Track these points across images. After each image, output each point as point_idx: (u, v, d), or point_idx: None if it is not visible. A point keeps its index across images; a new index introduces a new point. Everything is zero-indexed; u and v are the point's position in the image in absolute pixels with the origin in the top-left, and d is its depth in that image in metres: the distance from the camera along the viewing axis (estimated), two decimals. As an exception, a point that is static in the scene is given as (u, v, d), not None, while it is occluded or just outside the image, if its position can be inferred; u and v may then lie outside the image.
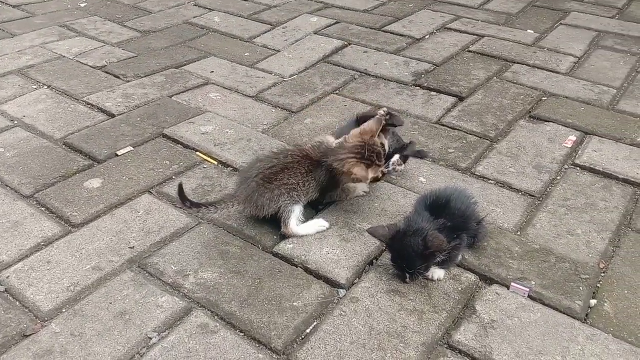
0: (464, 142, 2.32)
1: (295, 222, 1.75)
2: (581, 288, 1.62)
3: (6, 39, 3.25)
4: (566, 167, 2.18)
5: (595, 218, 1.91)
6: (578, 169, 2.17)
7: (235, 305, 1.56)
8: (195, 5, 3.87)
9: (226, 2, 3.94)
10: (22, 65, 2.92)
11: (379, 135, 1.76)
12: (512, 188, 2.05)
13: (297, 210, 1.76)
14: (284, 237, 1.77)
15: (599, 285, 1.65)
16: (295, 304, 1.57)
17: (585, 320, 1.54)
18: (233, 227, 1.84)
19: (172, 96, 2.66)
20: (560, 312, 1.55)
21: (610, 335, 1.49)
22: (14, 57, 3.02)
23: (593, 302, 1.59)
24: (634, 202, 1.99)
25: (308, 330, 1.50)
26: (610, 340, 1.47)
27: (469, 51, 3.18)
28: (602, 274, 1.69)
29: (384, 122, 1.78)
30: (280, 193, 1.72)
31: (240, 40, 3.32)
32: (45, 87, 2.73)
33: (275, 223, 1.80)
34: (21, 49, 3.13)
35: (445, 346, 1.47)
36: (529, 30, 3.47)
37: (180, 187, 1.68)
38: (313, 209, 1.93)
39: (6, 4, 3.83)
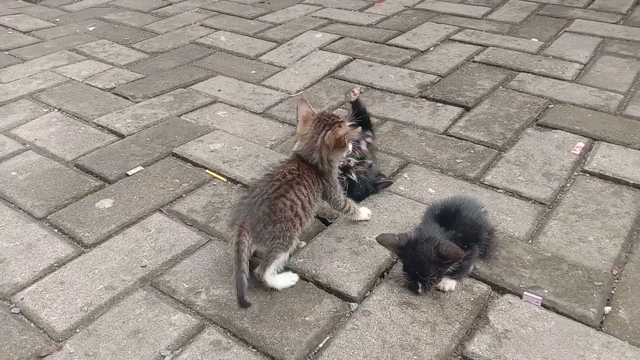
0: (472, 151, 2.33)
1: (273, 270, 1.64)
2: (595, 295, 1.61)
3: (17, 64, 3.31)
4: (575, 173, 2.17)
5: (607, 224, 1.90)
6: (587, 175, 2.16)
7: (247, 321, 1.56)
8: (202, 26, 3.93)
9: (231, 21, 3.99)
10: (32, 90, 2.98)
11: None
12: (521, 196, 2.05)
13: (282, 258, 1.64)
14: (258, 278, 1.65)
15: (612, 291, 1.64)
16: (307, 318, 1.57)
17: (600, 327, 1.53)
18: (243, 243, 1.85)
19: (181, 115, 2.69)
20: (575, 319, 1.54)
21: (626, 342, 1.47)
22: (24, 81, 3.08)
23: (607, 308, 1.58)
24: (645, 207, 1.98)
25: (320, 345, 1.50)
26: (626, 347, 1.46)
27: (474, 61, 3.19)
28: (616, 280, 1.67)
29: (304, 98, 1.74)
30: (280, 229, 1.60)
31: (246, 58, 3.36)
32: (56, 110, 2.77)
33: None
34: (31, 73, 3.18)
35: (459, 357, 1.46)
36: (533, 39, 3.48)
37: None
38: (323, 223, 1.94)
39: (17, 30, 3.91)
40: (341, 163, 1.88)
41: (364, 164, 2.03)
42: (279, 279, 1.67)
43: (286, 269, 1.70)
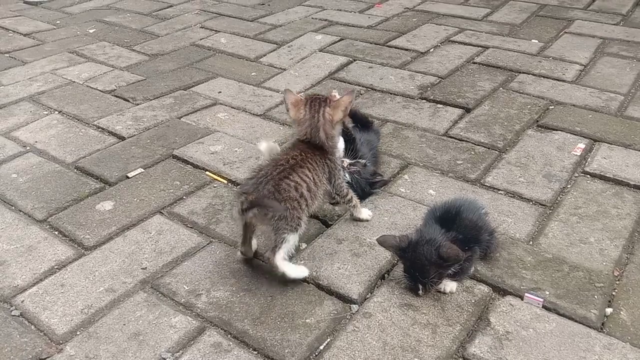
0: (472, 153, 2.32)
1: (284, 254, 1.63)
2: (596, 296, 1.61)
3: (17, 67, 3.31)
4: (576, 175, 2.17)
5: (608, 225, 1.89)
6: (588, 176, 2.16)
7: (248, 323, 1.56)
8: (202, 27, 3.93)
9: (232, 23, 4.00)
10: (33, 92, 2.98)
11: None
12: (522, 198, 2.05)
13: (292, 241, 1.64)
14: (268, 262, 1.66)
15: (614, 293, 1.63)
16: (307, 320, 1.56)
17: (602, 329, 1.52)
18: (244, 245, 1.85)
19: (181, 117, 2.69)
20: (576, 321, 1.54)
21: (627, 343, 1.47)
22: (25, 84, 3.08)
23: (609, 310, 1.58)
24: (646, 208, 1.98)
25: (321, 347, 1.49)
26: (627, 349, 1.45)
27: (474, 62, 3.19)
28: (617, 282, 1.67)
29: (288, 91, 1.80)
30: (287, 210, 1.60)
31: (246, 60, 3.36)
32: (56, 112, 2.77)
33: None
34: (32, 75, 3.18)
35: (460, 359, 1.45)
36: (533, 40, 3.48)
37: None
38: (323, 225, 1.94)
39: (17, 32, 3.91)
40: None
41: (358, 163, 2.02)
42: (291, 266, 1.65)
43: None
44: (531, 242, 1.83)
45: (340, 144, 2.01)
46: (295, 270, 1.66)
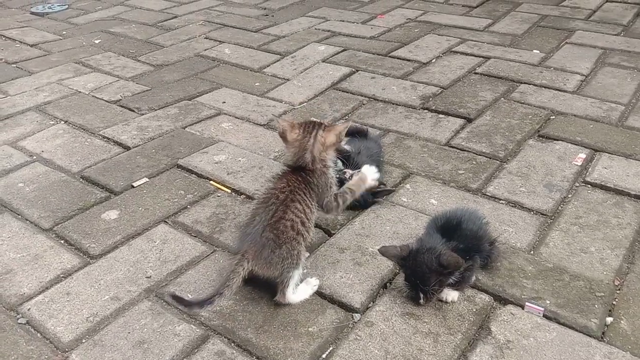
0: (474, 163, 2.34)
1: (292, 289, 1.64)
2: (596, 306, 1.62)
3: (24, 77, 3.36)
4: (577, 184, 2.18)
5: (608, 235, 1.91)
6: (589, 186, 2.17)
7: (251, 331, 1.58)
8: (206, 38, 3.97)
9: (236, 34, 4.04)
10: (39, 102, 3.01)
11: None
12: (523, 207, 2.06)
13: (297, 276, 1.63)
14: (277, 304, 1.66)
15: (614, 302, 1.64)
16: (310, 329, 1.58)
17: (602, 338, 1.53)
18: (247, 254, 1.87)
19: (186, 127, 2.72)
20: (576, 330, 1.55)
21: (627, 353, 1.48)
22: (31, 94, 3.12)
23: (609, 319, 1.59)
24: (646, 217, 1.99)
25: (324, 356, 1.51)
26: (628, 358, 1.46)
27: (476, 73, 3.22)
28: (617, 291, 1.68)
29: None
30: (287, 250, 1.58)
31: (250, 70, 3.40)
32: (62, 122, 2.81)
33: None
34: (38, 86, 3.22)
35: (462, 368, 1.47)
36: (534, 50, 3.50)
37: (175, 296, 1.55)
38: (326, 234, 1.96)
39: (24, 43, 3.96)
40: (337, 176, 1.88)
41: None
42: (302, 292, 1.67)
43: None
44: (532, 252, 1.85)
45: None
46: (308, 291, 1.69)
